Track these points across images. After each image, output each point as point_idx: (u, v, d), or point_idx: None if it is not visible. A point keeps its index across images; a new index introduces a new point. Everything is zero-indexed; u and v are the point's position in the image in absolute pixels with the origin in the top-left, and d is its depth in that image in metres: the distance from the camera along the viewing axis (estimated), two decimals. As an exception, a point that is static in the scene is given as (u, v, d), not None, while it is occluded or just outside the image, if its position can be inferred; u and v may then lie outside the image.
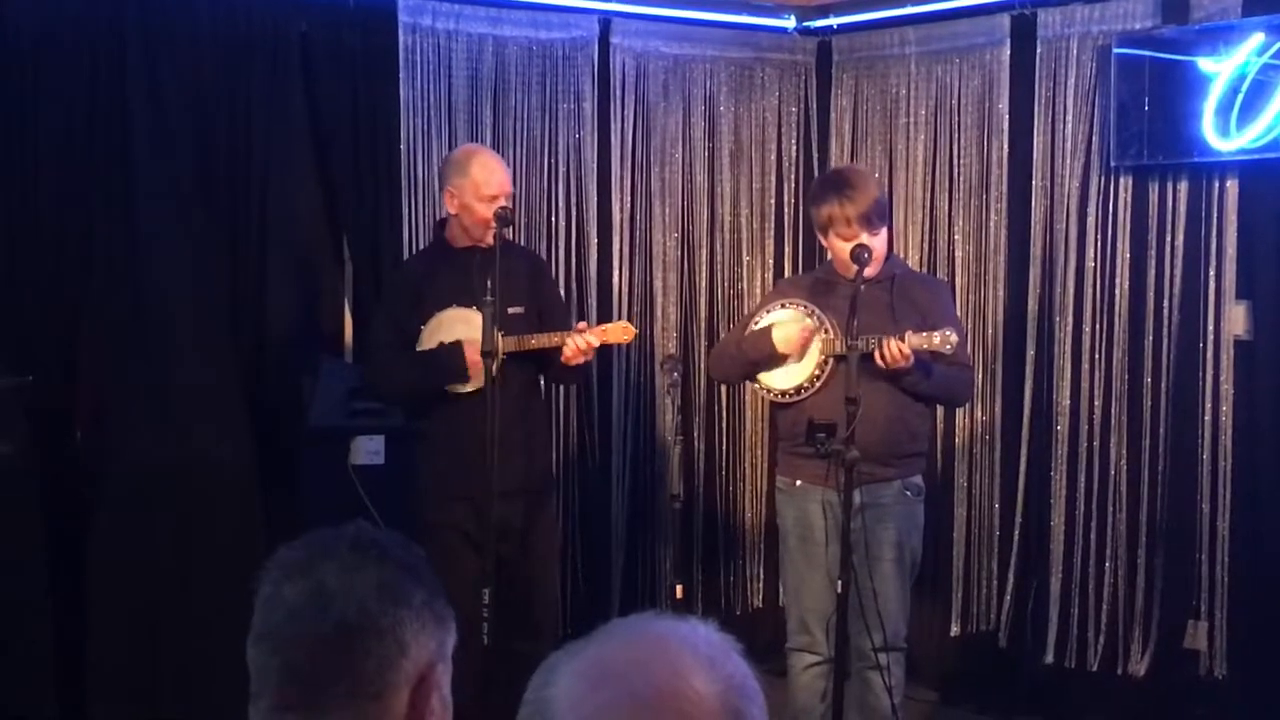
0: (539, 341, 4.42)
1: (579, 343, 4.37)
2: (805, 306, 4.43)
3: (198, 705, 4.73)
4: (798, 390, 4.40)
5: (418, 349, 4.52)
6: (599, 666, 1.17)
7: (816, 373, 4.37)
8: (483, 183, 4.45)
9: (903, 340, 4.14)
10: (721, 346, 4.86)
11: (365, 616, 1.56)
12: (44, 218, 4.84)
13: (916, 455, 4.50)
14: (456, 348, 4.45)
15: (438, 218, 5.15)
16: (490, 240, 4.41)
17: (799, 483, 4.46)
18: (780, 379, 4.44)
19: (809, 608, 4.45)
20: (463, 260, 4.50)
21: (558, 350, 4.41)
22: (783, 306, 4.49)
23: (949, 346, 4.14)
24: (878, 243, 4.35)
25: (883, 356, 4.15)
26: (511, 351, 4.38)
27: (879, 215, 4.36)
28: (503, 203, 4.43)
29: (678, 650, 1.18)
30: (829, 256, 4.54)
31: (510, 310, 4.46)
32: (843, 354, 4.23)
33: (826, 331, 4.36)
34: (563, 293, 5.50)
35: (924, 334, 4.17)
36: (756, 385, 4.58)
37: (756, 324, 4.52)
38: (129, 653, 4.82)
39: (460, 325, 4.46)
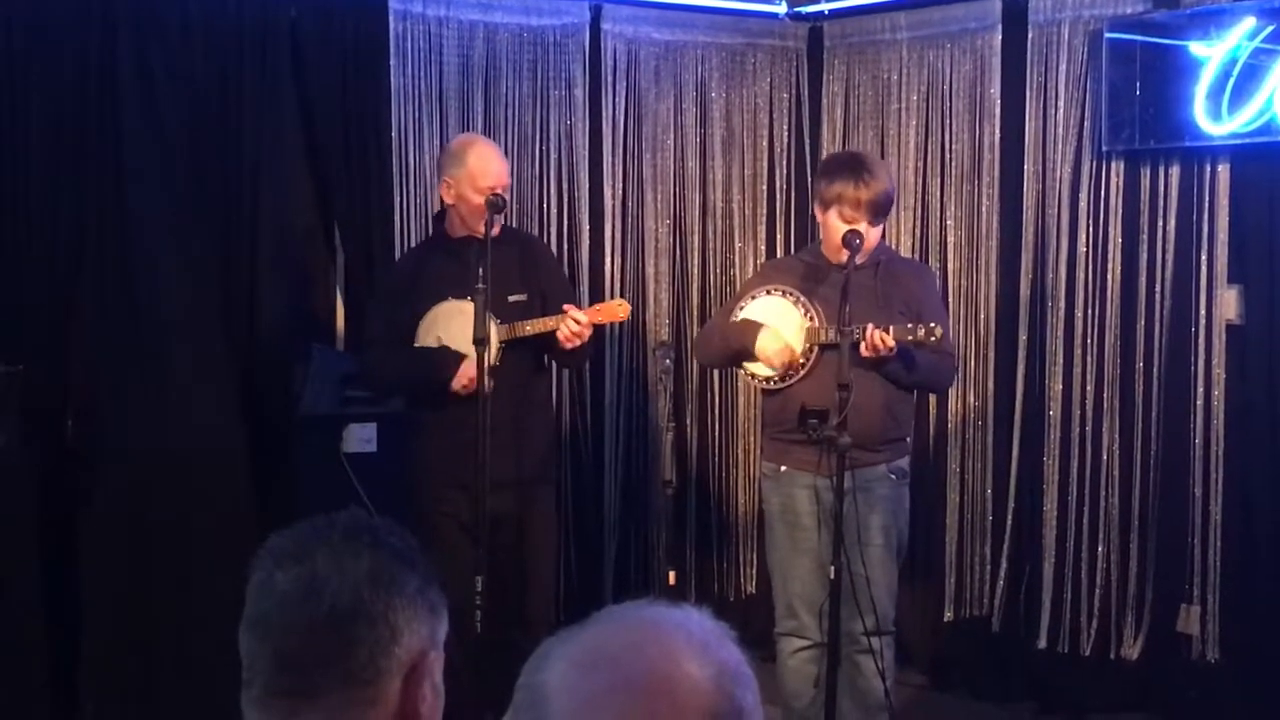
0: (533, 327, 4.40)
1: (570, 326, 4.36)
2: (791, 294, 4.42)
3: (191, 694, 4.73)
4: (782, 378, 4.41)
5: (416, 344, 4.52)
6: (592, 652, 1.18)
7: (801, 360, 4.37)
8: (479, 174, 4.43)
9: (888, 332, 4.14)
10: (707, 331, 4.84)
11: (358, 603, 1.56)
12: (35, 207, 4.83)
13: (901, 440, 4.51)
14: (455, 357, 4.42)
15: (434, 210, 5.19)
16: (484, 232, 4.39)
17: (784, 468, 4.47)
18: (766, 366, 4.45)
19: (796, 593, 4.46)
20: (459, 251, 4.47)
21: (554, 334, 4.40)
22: (769, 293, 4.48)
23: (934, 339, 4.15)
24: (874, 234, 4.35)
25: (871, 346, 4.15)
26: (507, 340, 4.37)
27: (884, 208, 4.37)
28: (499, 189, 4.42)
29: (671, 636, 1.18)
30: (819, 237, 4.53)
31: (511, 298, 4.46)
32: (829, 342, 4.25)
33: (812, 319, 4.36)
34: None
35: (909, 326, 4.17)
36: (743, 371, 4.60)
37: (742, 309, 4.52)
38: (122, 642, 4.82)
39: (457, 318, 4.44)
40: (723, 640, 1.21)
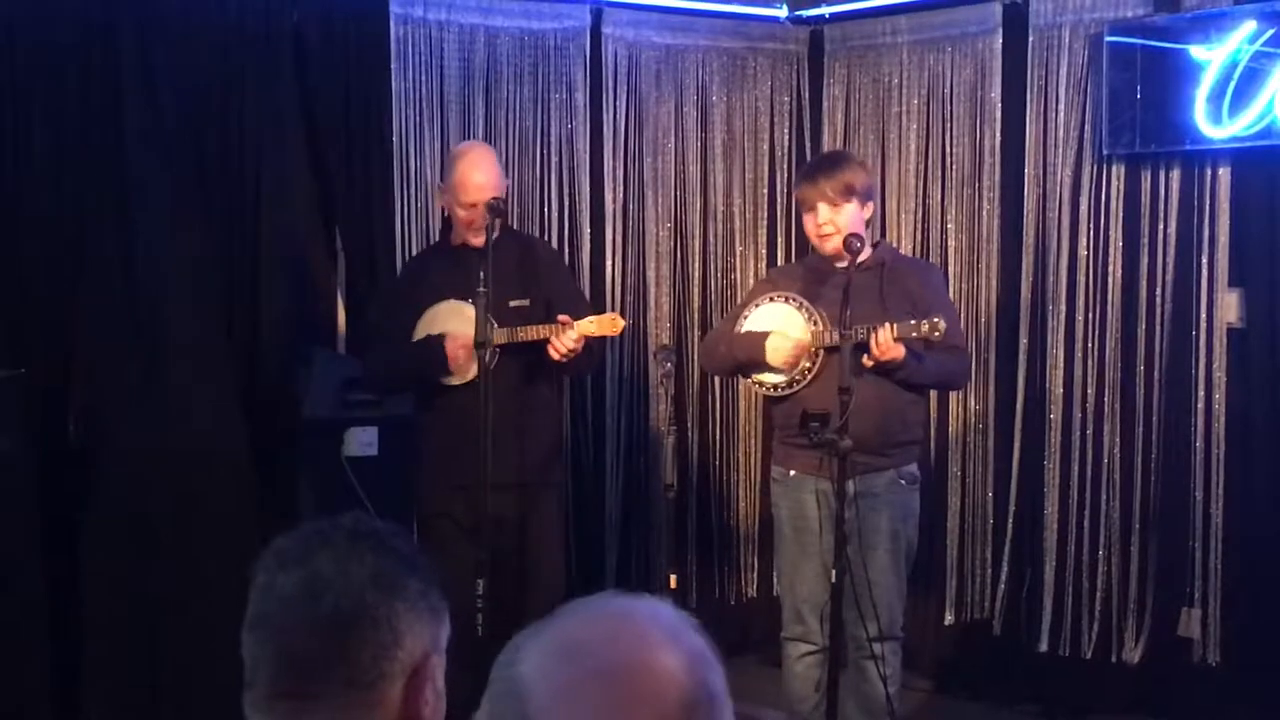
0: (527, 334, 4.41)
1: (564, 340, 4.35)
2: (794, 300, 4.42)
3: (194, 697, 4.73)
4: (789, 385, 4.41)
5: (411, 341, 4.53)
6: (567, 642, 1.20)
7: (808, 365, 4.37)
8: (460, 187, 4.44)
9: (891, 329, 4.13)
10: (712, 341, 4.79)
11: (360, 606, 1.57)
12: (37, 209, 4.82)
13: (911, 444, 4.49)
14: (437, 340, 4.45)
15: (434, 213, 5.35)
16: (476, 241, 4.40)
17: (793, 473, 4.46)
18: (772, 374, 4.44)
19: (804, 598, 4.45)
20: (461, 255, 4.49)
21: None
22: (771, 300, 4.48)
23: (937, 334, 4.14)
24: (839, 218, 4.34)
25: (879, 351, 4.15)
26: (503, 344, 4.38)
27: (839, 191, 4.35)
28: (481, 205, 4.40)
29: (643, 625, 1.21)
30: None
31: (512, 303, 4.46)
32: (831, 345, 4.25)
33: (816, 323, 4.36)
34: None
35: (911, 323, 4.16)
36: (750, 380, 4.59)
37: (746, 318, 4.51)
38: (125, 645, 4.82)
39: (455, 318, 4.46)
40: (689, 628, 1.23)
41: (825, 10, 6.19)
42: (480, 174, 4.46)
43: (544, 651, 1.20)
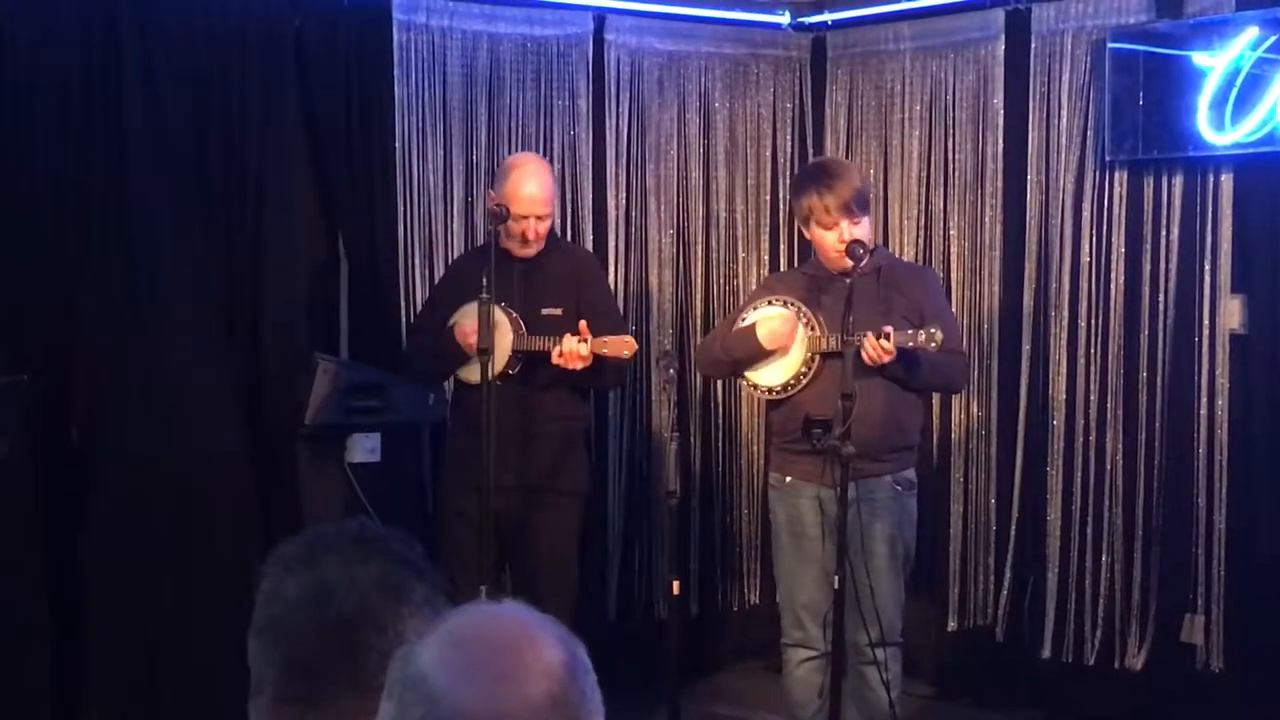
0: (534, 344, 4.46)
1: (570, 345, 4.38)
2: (793, 305, 4.43)
3: (196, 703, 4.73)
4: (785, 387, 4.41)
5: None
6: (455, 637, 1.33)
7: (803, 369, 4.37)
8: (510, 198, 4.54)
9: (887, 339, 4.14)
10: (709, 343, 4.82)
11: (366, 610, 1.57)
12: (39, 216, 4.82)
13: (908, 449, 4.51)
14: (448, 330, 4.56)
15: (437, 220, 5.48)
16: (519, 251, 4.55)
17: (789, 479, 4.47)
18: (767, 376, 4.45)
19: (803, 603, 4.46)
20: (500, 261, 4.53)
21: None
22: (769, 303, 4.49)
23: (934, 344, 4.15)
24: (859, 231, 4.35)
25: (869, 357, 4.16)
26: (519, 350, 4.48)
27: (859, 203, 4.38)
28: (531, 218, 4.53)
29: (513, 613, 1.37)
30: (814, 252, 4.56)
31: (544, 311, 4.56)
32: (832, 351, 4.26)
33: (812, 329, 4.36)
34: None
35: (909, 331, 4.17)
36: (744, 382, 4.60)
37: (744, 320, 4.52)
38: (126, 651, 4.82)
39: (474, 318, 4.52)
40: (550, 619, 1.39)
41: (828, 17, 6.20)
42: (531, 187, 4.57)
43: (437, 646, 1.32)
